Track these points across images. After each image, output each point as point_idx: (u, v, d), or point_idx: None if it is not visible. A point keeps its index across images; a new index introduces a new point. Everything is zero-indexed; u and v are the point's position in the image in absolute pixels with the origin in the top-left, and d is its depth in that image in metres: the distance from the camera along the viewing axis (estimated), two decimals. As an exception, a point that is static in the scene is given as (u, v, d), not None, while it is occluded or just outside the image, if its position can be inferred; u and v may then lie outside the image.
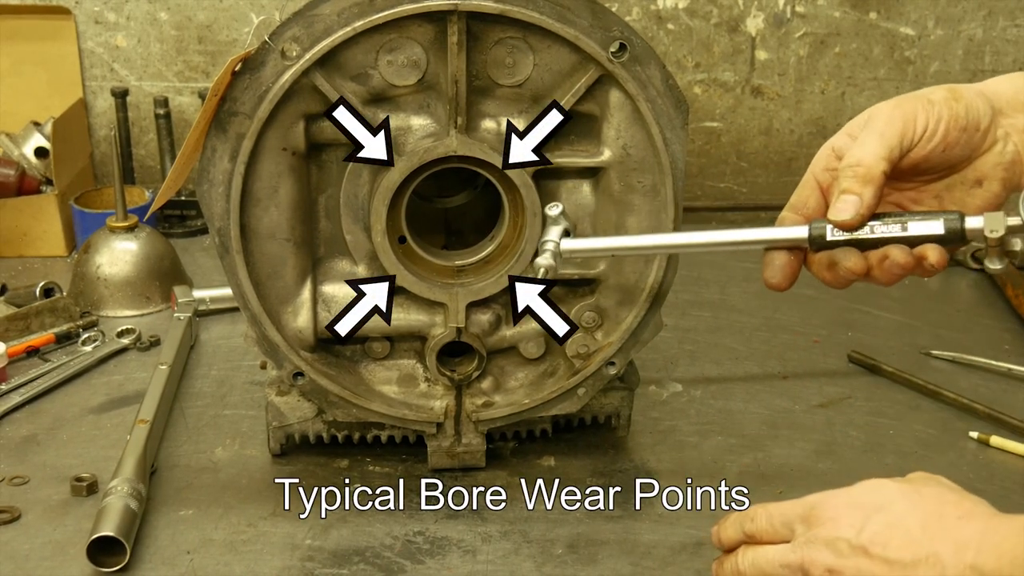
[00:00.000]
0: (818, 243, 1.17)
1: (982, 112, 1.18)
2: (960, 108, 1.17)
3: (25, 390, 1.68)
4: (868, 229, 1.15)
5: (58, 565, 1.31)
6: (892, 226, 1.15)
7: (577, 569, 1.33)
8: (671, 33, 2.37)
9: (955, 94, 1.18)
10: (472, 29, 1.30)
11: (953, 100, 1.17)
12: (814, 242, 1.18)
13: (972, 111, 1.17)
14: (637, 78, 1.33)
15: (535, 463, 1.53)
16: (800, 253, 1.22)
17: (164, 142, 2.35)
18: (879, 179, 1.14)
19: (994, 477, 1.51)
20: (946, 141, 1.17)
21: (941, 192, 1.23)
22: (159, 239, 2.03)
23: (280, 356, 1.41)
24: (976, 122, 1.18)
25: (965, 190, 1.21)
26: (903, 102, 1.18)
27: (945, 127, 1.16)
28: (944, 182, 1.22)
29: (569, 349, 1.44)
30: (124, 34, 2.37)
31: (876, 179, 1.14)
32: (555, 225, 1.30)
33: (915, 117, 1.16)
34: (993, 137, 1.19)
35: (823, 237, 1.17)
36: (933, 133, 1.17)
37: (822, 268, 1.20)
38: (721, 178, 2.48)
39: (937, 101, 1.17)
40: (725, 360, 1.83)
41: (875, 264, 1.17)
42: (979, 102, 1.18)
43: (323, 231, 1.41)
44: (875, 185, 1.14)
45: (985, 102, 1.19)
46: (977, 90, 1.20)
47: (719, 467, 1.53)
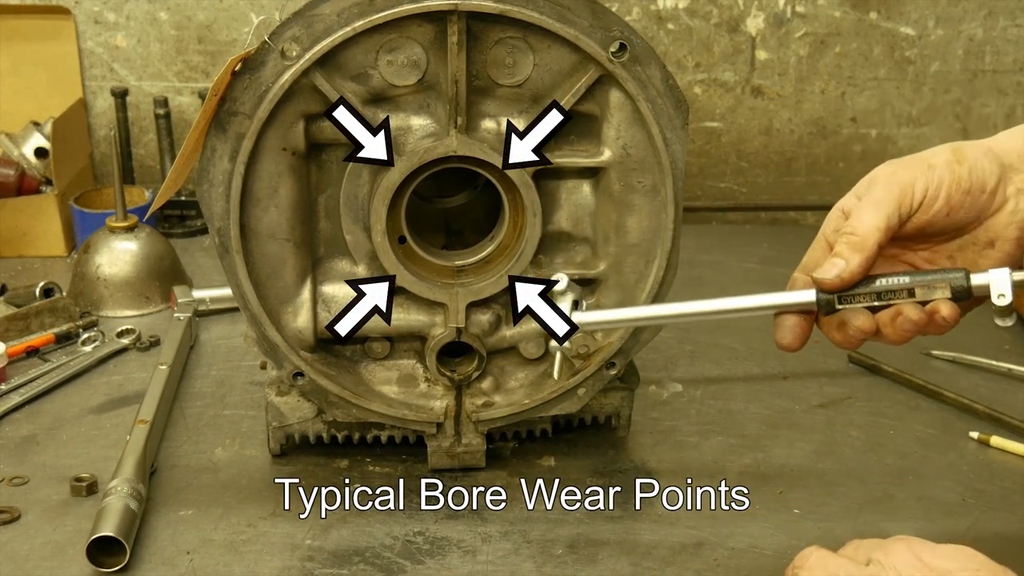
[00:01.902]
0: (826, 308, 1.19)
1: (988, 172, 1.15)
2: (963, 171, 1.15)
3: (25, 390, 1.68)
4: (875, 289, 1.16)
5: (58, 565, 1.31)
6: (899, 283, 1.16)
7: (577, 569, 1.33)
8: (671, 33, 2.37)
9: (958, 156, 1.16)
10: (472, 29, 1.30)
11: (956, 163, 1.15)
12: (822, 306, 1.19)
13: (977, 172, 1.15)
14: (637, 78, 1.33)
15: (535, 463, 1.53)
16: (811, 315, 1.23)
17: (164, 142, 2.35)
18: (871, 249, 1.15)
19: (994, 477, 1.51)
20: (949, 205, 1.16)
21: (954, 252, 1.21)
22: (159, 239, 2.03)
23: (280, 356, 1.41)
24: (981, 183, 1.15)
25: (977, 251, 1.19)
26: (903, 167, 1.17)
27: (947, 192, 1.15)
28: (956, 242, 1.20)
29: (569, 347, 1.44)
30: (124, 34, 2.37)
31: (868, 248, 1.14)
32: (563, 298, 1.30)
33: (913, 184, 1.15)
34: (1003, 196, 1.17)
35: (832, 303, 1.18)
36: (934, 199, 1.15)
37: (832, 329, 1.21)
38: (721, 178, 2.48)
39: (938, 165, 1.15)
40: (725, 360, 1.83)
41: (887, 322, 1.17)
42: (985, 162, 1.16)
43: (323, 231, 1.41)
44: (865, 254, 1.14)
45: (993, 160, 1.16)
46: (985, 148, 1.17)
47: (719, 467, 1.53)
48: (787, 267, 1.29)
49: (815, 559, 1.13)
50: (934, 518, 1.43)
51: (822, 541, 1.20)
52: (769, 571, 1.32)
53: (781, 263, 2.22)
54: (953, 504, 1.45)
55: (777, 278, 2.13)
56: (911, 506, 1.45)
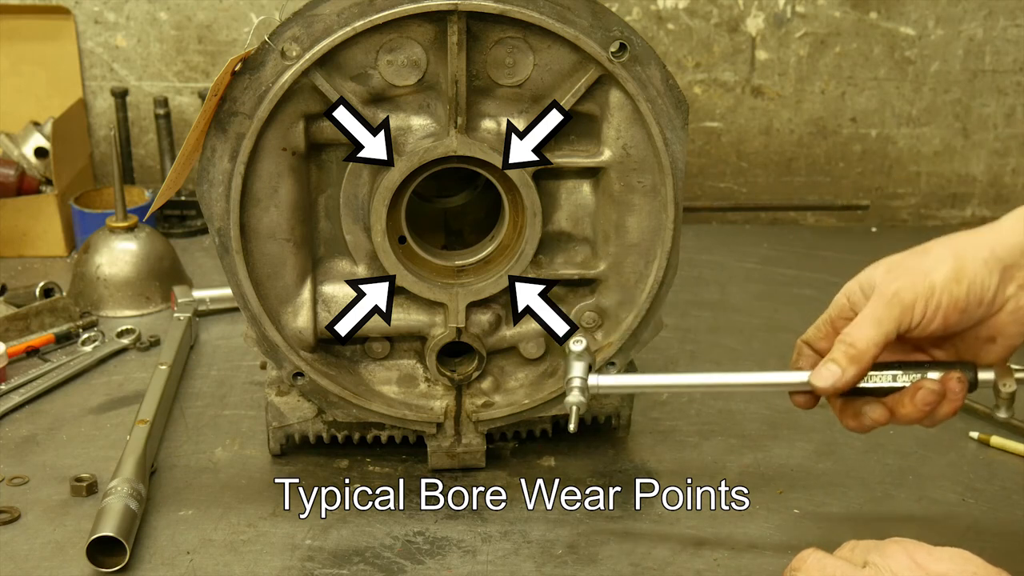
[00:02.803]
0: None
1: (986, 286, 1.18)
2: (961, 291, 1.17)
3: (25, 390, 1.68)
4: (890, 378, 1.22)
5: (58, 565, 1.31)
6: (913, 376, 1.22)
7: (577, 569, 1.33)
8: (671, 33, 2.37)
9: (958, 273, 1.18)
10: (472, 29, 1.30)
11: (955, 282, 1.17)
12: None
13: (975, 289, 1.18)
14: (637, 78, 1.33)
15: (535, 463, 1.53)
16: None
17: (164, 142, 2.35)
18: (867, 362, 1.20)
19: (994, 477, 1.51)
20: (946, 324, 1.20)
21: (957, 343, 1.25)
22: (159, 239, 2.03)
23: (280, 356, 1.41)
24: (979, 299, 1.18)
25: (979, 345, 1.23)
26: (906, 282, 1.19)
27: (944, 313, 1.18)
28: (959, 336, 1.24)
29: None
30: (124, 34, 2.37)
31: (864, 361, 1.20)
32: (579, 361, 1.30)
33: (913, 305, 1.18)
34: (1003, 298, 1.19)
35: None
36: (931, 320, 1.19)
37: (847, 417, 1.26)
38: (721, 178, 2.48)
39: (938, 286, 1.18)
40: (725, 360, 1.83)
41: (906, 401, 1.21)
42: (984, 273, 1.18)
43: (323, 231, 1.41)
44: (861, 366, 1.20)
45: (994, 268, 1.18)
46: (987, 251, 1.18)
47: (719, 467, 1.53)
48: (787, 267, 1.30)
49: (812, 561, 1.14)
50: (934, 518, 1.43)
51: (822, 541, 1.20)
52: (769, 571, 1.32)
53: (781, 263, 2.23)
54: (953, 504, 1.45)
55: (777, 278, 2.15)
56: (911, 506, 1.45)
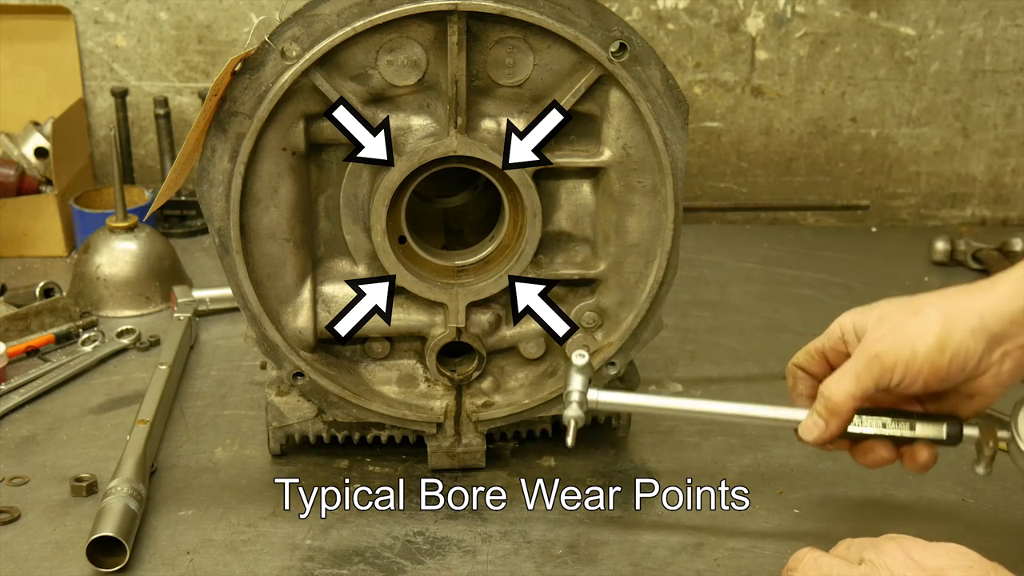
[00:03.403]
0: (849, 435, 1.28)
1: (971, 354, 1.18)
2: (943, 361, 1.18)
3: (25, 390, 1.68)
4: (880, 424, 1.27)
5: (58, 565, 1.31)
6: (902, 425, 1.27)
7: (577, 569, 1.33)
8: (671, 33, 2.37)
9: (943, 343, 1.18)
10: (472, 29, 1.30)
11: (938, 352, 1.18)
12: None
13: (957, 360, 1.18)
14: (637, 78, 1.33)
15: (535, 463, 1.53)
16: None
17: (164, 142, 2.35)
18: (846, 414, 1.23)
19: (994, 477, 1.50)
20: (926, 386, 1.21)
21: (938, 395, 1.27)
22: (159, 239, 2.03)
23: (280, 356, 1.41)
24: (961, 367, 1.19)
25: (959, 399, 1.25)
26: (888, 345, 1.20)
27: (924, 379, 1.20)
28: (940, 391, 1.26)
29: (569, 349, 1.44)
30: (124, 34, 2.37)
31: (842, 413, 1.23)
32: (579, 375, 1.32)
33: (893, 368, 1.20)
34: (987, 364, 1.20)
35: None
36: (911, 383, 1.21)
37: (857, 454, 1.29)
38: (721, 178, 2.48)
39: (920, 354, 1.18)
40: (725, 360, 1.83)
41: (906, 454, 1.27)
42: (971, 343, 1.18)
43: (323, 231, 1.41)
44: (841, 418, 1.24)
45: (980, 338, 1.18)
46: (976, 322, 1.18)
47: (719, 467, 1.53)
48: (787, 267, 1.30)
49: (808, 560, 1.14)
50: (934, 518, 1.43)
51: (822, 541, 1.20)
52: (769, 571, 1.32)
53: (781, 263, 2.23)
54: (953, 504, 1.45)
55: (777, 278, 2.15)
56: (911, 506, 1.45)
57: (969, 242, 2.21)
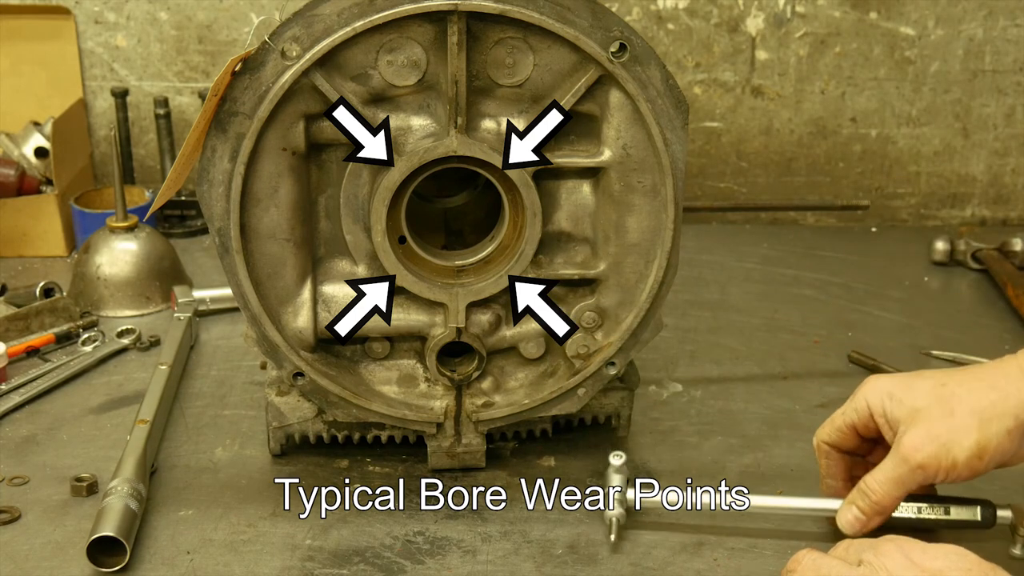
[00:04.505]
0: None
1: (1007, 452, 1.21)
2: (982, 465, 1.21)
3: (25, 390, 1.68)
4: (916, 510, 1.32)
5: (58, 565, 1.31)
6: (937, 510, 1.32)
7: (577, 569, 1.33)
8: (671, 33, 2.37)
9: (982, 450, 1.20)
10: (472, 29, 1.30)
11: (977, 459, 1.20)
12: None
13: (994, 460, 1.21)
14: (637, 78, 1.33)
15: (535, 463, 1.53)
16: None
17: (164, 142, 2.35)
18: (888, 512, 1.28)
19: (994, 477, 1.50)
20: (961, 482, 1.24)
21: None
22: (159, 239, 2.03)
23: (280, 356, 1.41)
24: (997, 464, 1.22)
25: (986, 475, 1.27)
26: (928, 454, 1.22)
27: (962, 479, 1.23)
28: None
29: (569, 349, 1.44)
30: (124, 34, 2.37)
31: (885, 512, 1.28)
32: (618, 474, 1.37)
33: (935, 475, 1.23)
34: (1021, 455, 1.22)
35: None
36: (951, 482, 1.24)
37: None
38: (721, 178, 2.48)
39: (960, 463, 1.21)
40: (725, 360, 1.83)
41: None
42: (1007, 444, 1.20)
43: (323, 231, 1.41)
44: (883, 516, 1.28)
45: (1016, 437, 1.20)
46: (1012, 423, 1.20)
47: (719, 467, 1.53)
48: (787, 267, 1.30)
49: (807, 561, 1.14)
50: (934, 518, 1.43)
51: (822, 542, 1.20)
52: (768, 571, 1.32)
53: (781, 263, 2.23)
54: (953, 504, 1.45)
55: (777, 278, 2.15)
56: (911, 506, 1.45)
57: (969, 242, 2.21)
